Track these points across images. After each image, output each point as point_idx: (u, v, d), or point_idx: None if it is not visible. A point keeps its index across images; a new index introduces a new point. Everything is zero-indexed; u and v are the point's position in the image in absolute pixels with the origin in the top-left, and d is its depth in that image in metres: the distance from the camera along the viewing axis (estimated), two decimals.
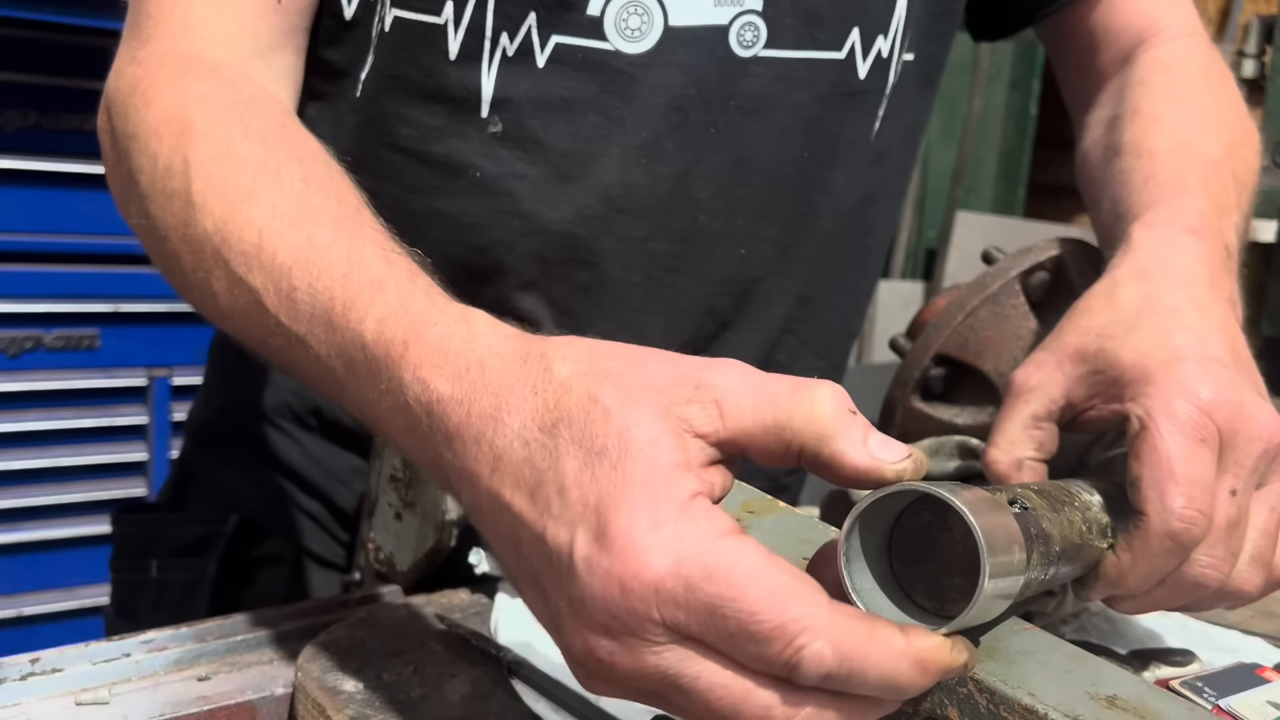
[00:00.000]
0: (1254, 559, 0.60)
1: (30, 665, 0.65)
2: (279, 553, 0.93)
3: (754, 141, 0.82)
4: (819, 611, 0.41)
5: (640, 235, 0.82)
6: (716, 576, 0.41)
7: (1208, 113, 0.82)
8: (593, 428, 0.44)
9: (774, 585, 0.41)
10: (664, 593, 0.41)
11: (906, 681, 0.42)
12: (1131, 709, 0.43)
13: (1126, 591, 0.59)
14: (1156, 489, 0.56)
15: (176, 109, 0.66)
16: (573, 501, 0.43)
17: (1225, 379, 0.59)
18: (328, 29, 0.80)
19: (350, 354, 0.54)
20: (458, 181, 0.80)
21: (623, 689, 0.44)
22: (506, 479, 0.46)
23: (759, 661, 0.41)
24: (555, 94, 0.78)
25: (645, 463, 0.43)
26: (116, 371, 2.05)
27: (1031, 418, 0.65)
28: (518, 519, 0.45)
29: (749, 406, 0.44)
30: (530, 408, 0.46)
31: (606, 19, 0.76)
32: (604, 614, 0.42)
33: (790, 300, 0.90)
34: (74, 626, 2.02)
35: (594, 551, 0.42)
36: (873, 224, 0.92)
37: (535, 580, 0.45)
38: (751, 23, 0.79)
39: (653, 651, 0.42)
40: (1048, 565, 0.48)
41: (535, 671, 0.62)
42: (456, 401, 0.48)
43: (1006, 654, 0.45)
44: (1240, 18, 2.61)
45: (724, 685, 0.42)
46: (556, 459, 0.44)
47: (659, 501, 0.42)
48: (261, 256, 0.59)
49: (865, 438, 0.44)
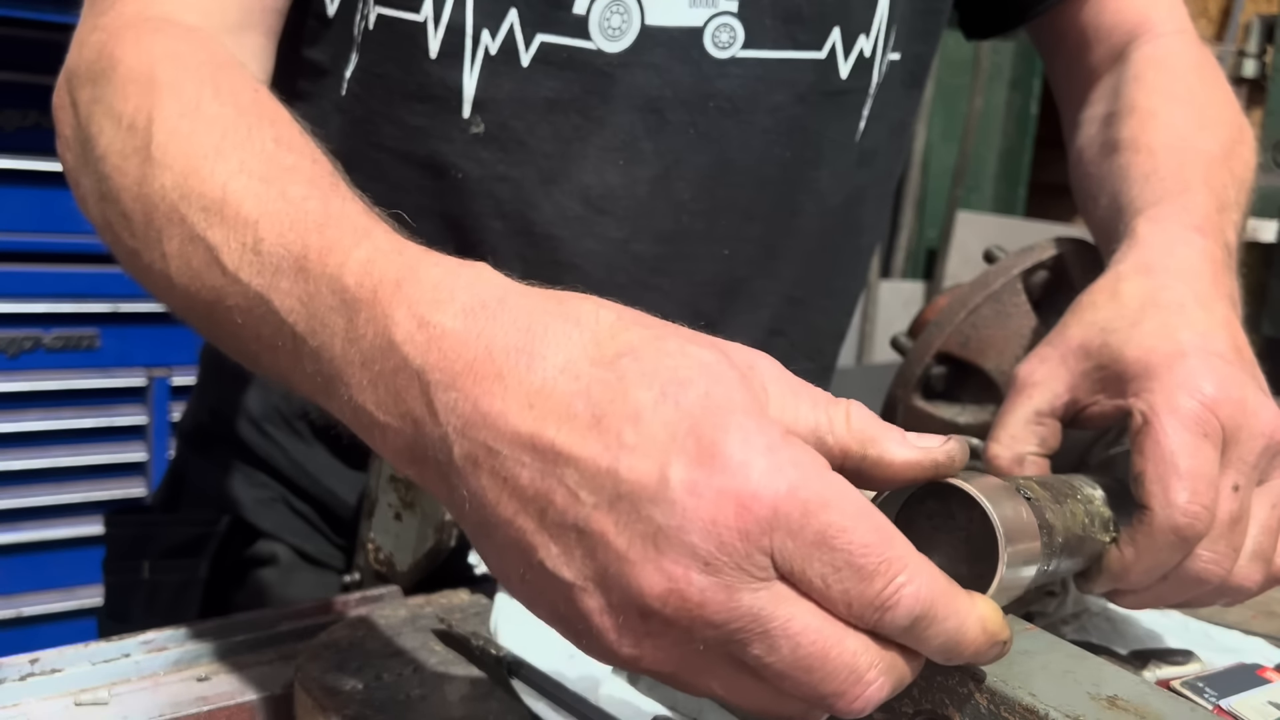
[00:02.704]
0: (1255, 554, 0.60)
1: (30, 665, 0.65)
2: (271, 554, 0.93)
3: (735, 142, 0.81)
4: (916, 555, 0.40)
5: (622, 237, 0.82)
6: (832, 506, 0.39)
7: (1204, 110, 0.82)
8: (667, 361, 0.41)
9: (880, 523, 0.39)
10: (781, 516, 0.38)
11: (971, 639, 0.41)
12: (1132, 709, 0.43)
13: (1129, 585, 0.59)
14: (1160, 483, 0.56)
15: (143, 66, 0.61)
16: (655, 431, 0.39)
17: (1229, 375, 0.60)
18: (310, 28, 0.80)
19: (320, 302, 0.48)
20: (441, 182, 0.80)
21: (687, 644, 0.40)
22: (549, 416, 0.40)
23: (857, 600, 0.39)
24: (539, 94, 0.78)
25: (740, 392, 0.40)
26: (116, 371, 2.04)
27: (1035, 413, 0.65)
28: (564, 458, 0.40)
29: (791, 404, 0.42)
30: (577, 342, 0.42)
31: (592, 18, 0.76)
32: (709, 541, 0.38)
33: (778, 301, 0.89)
34: (73, 627, 2.02)
35: (699, 474, 0.38)
36: (860, 224, 0.92)
37: (583, 530, 0.40)
38: (727, 24, 0.78)
39: (751, 589, 0.38)
40: (1051, 556, 0.48)
41: (535, 671, 0.62)
42: (469, 336, 0.43)
43: (1007, 654, 0.45)
44: (1241, 17, 2.60)
45: (817, 629, 0.39)
46: (624, 391, 0.40)
47: (765, 428, 0.39)
48: (224, 210, 0.53)
49: (903, 436, 0.43)
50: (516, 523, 0.41)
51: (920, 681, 0.45)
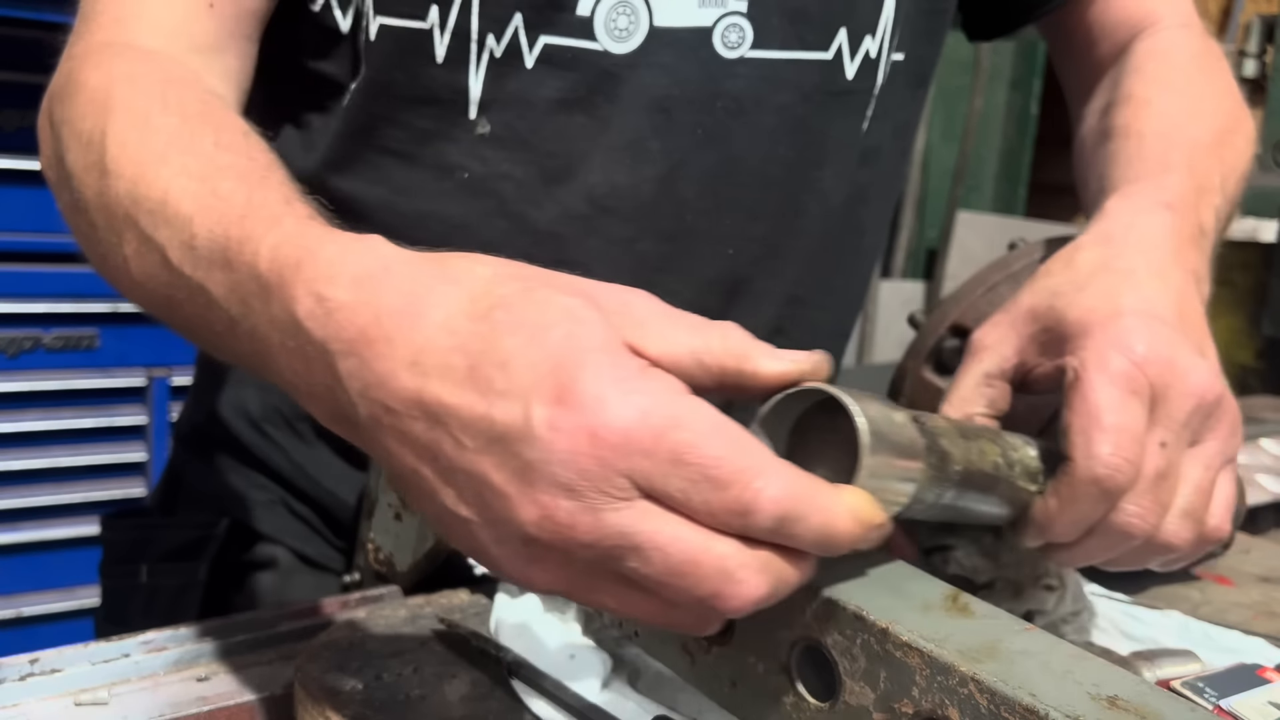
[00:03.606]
0: (1185, 513, 0.60)
1: (29, 666, 0.65)
2: (270, 557, 0.93)
3: (741, 141, 0.82)
4: (772, 461, 0.43)
5: (627, 236, 0.82)
6: (682, 425, 0.42)
7: (1198, 99, 0.83)
8: (534, 309, 0.45)
9: (734, 436, 0.43)
10: (633, 441, 0.42)
11: (843, 528, 0.44)
12: (1133, 709, 0.42)
13: (1054, 537, 0.60)
14: (1084, 435, 0.58)
15: (102, 88, 0.66)
16: (520, 374, 0.43)
17: (1163, 336, 0.60)
18: (318, 43, 0.80)
19: (245, 289, 0.52)
20: (445, 183, 0.81)
21: (571, 565, 0.44)
22: (431, 372, 0.45)
23: (719, 509, 0.42)
24: (543, 95, 0.78)
25: (600, 331, 0.44)
26: (115, 371, 2.04)
27: (984, 375, 0.67)
28: (446, 410, 0.44)
29: (670, 332, 0.46)
30: (454, 300, 0.46)
31: (596, 19, 0.76)
32: (570, 470, 0.42)
33: (781, 300, 0.90)
34: (73, 627, 2.02)
35: (557, 411, 0.42)
36: (863, 224, 0.92)
37: (469, 473, 0.44)
38: (736, 24, 0.79)
39: (614, 509, 0.42)
40: (944, 481, 0.51)
41: (535, 671, 0.62)
42: (359, 305, 0.47)
43: (1007, 654, 0.45)
44: (1241, 17, 2.61)
45: (683, 538, 0.43)
46: (494, 340, 0.44)
47: (619, 362, 0.44)
48: (166, 211, 0.58)
49: (773, 351, 0.48)
50: (420, 471, 0.46)
51: (921, 681, 0.46)
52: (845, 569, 0.51)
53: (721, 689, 0.55)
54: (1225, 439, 0.61)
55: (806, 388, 0.47)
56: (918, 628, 0.47)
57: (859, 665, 0.48)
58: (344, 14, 0.78)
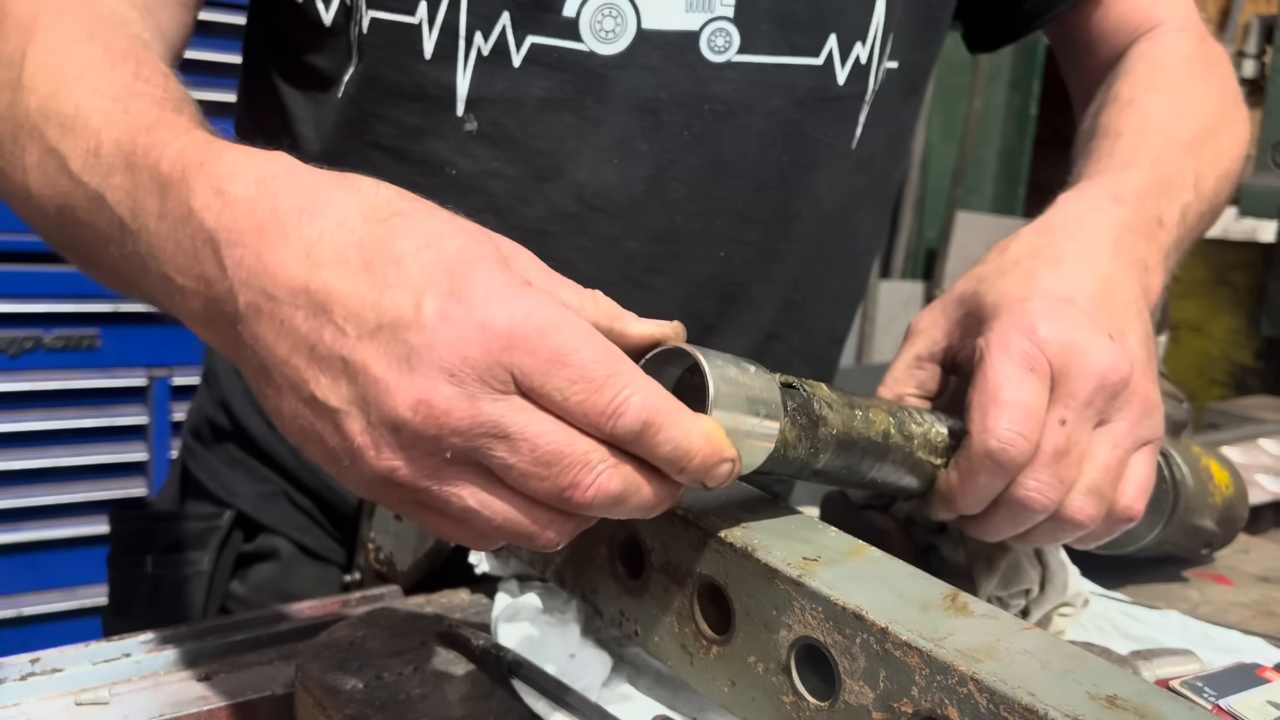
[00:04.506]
0: (1090, 490, 0.62)
1: (30, 665, 0.65)
2: (272, 548, 0.94)
3: (730, 145, 0.82)
4: (642, 375, 0.47)
5: (615, 234, 0.83)
6: (564, 330, 0.45)
7: (1183, 99, 0.84)
8: (432, 222, 0.47)
9: (608, 347, 0.47)
10: (518, 338, 0.45)
11: (697, 448, 0.47)
12: (1132, 709, 0.43)
13: (959, 509, 0.63)
14: (981, 411, 0.60)
15: (29, 14, 0.66)
16: (414, 271, 0.45)
17: (1067, 317, 0.62)
18: (307, 36, 0.81)
19: (141, 189, 0.54)
20: (434, 179, 0.81)
21: (435, 455, 0.46)
22: (323, 263, 0.46)
23: (590, 409, 0.46)
24: (531, 94, 0.79)
25: (492, 249, 0.47)
26: (116, 371, 2.04)
27: (915, 357, 0.70)
28: (332, 298, 0.46)
29: (550, 286, 0.50)
30: (355, 204, 0.48)
31: (582, 20, 0.77)
32: (454, 357, 0.44)
33: (775, 305, 0.90)
34: (74, 626, 2.02)
35: (448, 303, 0.45)
36: (857, 230, 0.93)
37: (346, 360, 0.46)
38: (723, 29, 0.79)
39: (491, 398, 0.45)
40: (817, 443, 0.55)
41: (535, 671, 0.62)
42: (259, 199, 0.48)
43: (1006, 653, 0.46)
44: (1240, 18, 2.61)
45: (552, 432, 0.46)
46: (390, 240, 0.46)
47: (509, 272, 0.47)
48: (75, 124, 0.59)
49: (637, 317, 0.52)
50: (291, 361, 0.47)
51: (920, 681, 0.46)
52: (842, 569, 0.52)
53: (721, 689, 0.55)
54: (1136, 420, 0.63)
55: (668, 348, 0.52)
56: (917, 627, 0.47)
57: (859, 665, 0.48)
58: (326, 7, 0.78)
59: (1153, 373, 0.65)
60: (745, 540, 0.54)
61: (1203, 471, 0.83)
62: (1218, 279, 2.39)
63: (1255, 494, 1.03)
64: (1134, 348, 0.63)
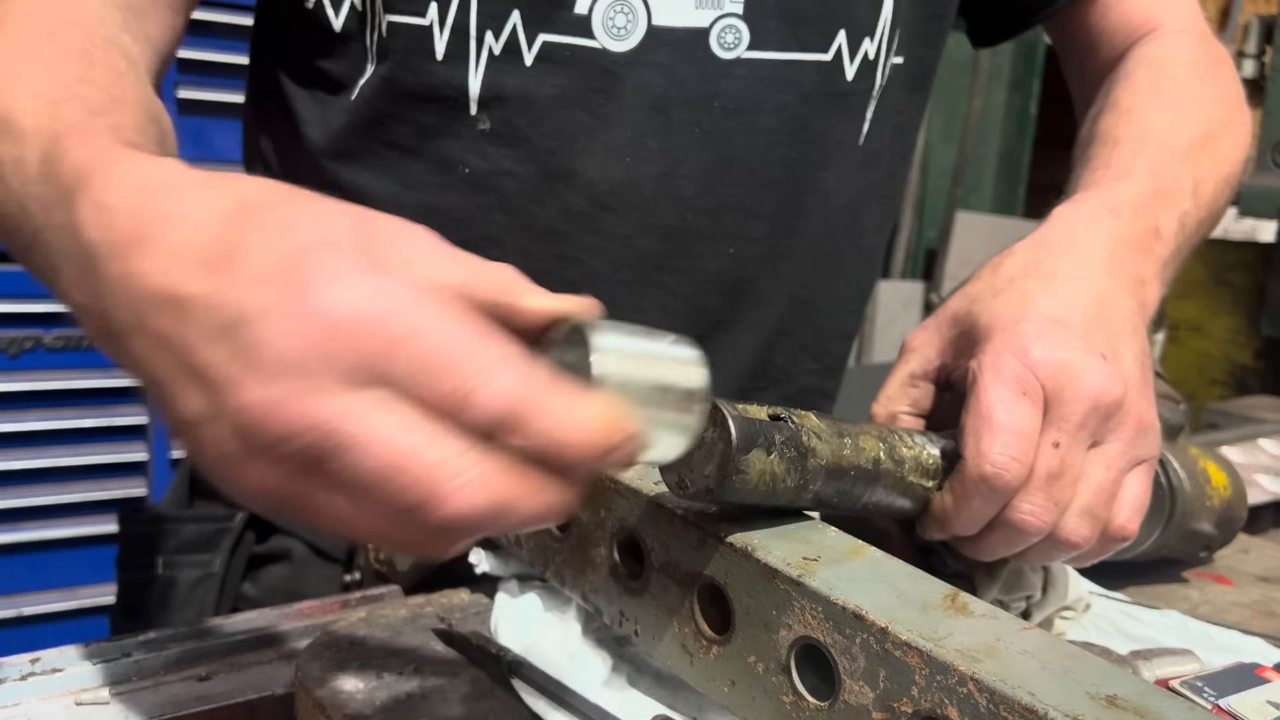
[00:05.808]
0: (1084, 511, 0.62)
1: (30, 665, 0.65)
2: (285, 549, 0.94)
3: (739, 141, 0.82)
4: (508, 355, 0.41)
5: (626, 232, 0.83)
6: (408, 311, 0.40)
7: (1182, 104, 0.83)
8: (289, 213, 0.43)
9: (467, 331, 0.41)
10: (356, 324, 0.40)
11: (575, 439, 0.40)
12: (1132, 709, 0.43)
13: (954, 531, 0.62)
14: (974, 435, 0.60)
15: None
16: (259, 266, 0.42)
17: (1059, 339, 0.62)
18: (319, 42, 0.81)
19: (52, 202, 0.52)
20: (447, 177, 0.81)
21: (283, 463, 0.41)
22: (180, 267, 0.43)
23: (434, 400, 0.40)
24: (543, 92, 0.79)
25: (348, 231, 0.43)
26: (117, 371, 2.03)
27: (909, 376, 0.69)
28: (184, 301, 0.43)
29: (437, 263, 0.45)
30: (217, 205, 0.45)
31: (594, 17, 0.77)
32: (295, 354, 0.40)
33: (784, 301, 0.90)
34: (74, 626, 2.02)
35: (293, 299, 0.41)
36: (864, 226, 0.93)
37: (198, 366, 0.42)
38: (733, 25, 0.79)
39: (325, 396, 0.39)
40: (806, 475, 0.54)
41: (535, 671, 0.62)
42: (131, 210, 0.46)
43: (1006, 653, 0.46)
44: (1240, 18, 2.60)
45: (389, 438, 0.39)
46: (244, 236, 0.43)
47: (359, 261, 0.42)
48: (10, 128, 0.57)
49: (542, 291, 0.47)
50: (159, 375, 0.44)
51: (920, 681, 0.46)
52: (842, 569, 0.52)
53: (721, 689, 0.55)
54: (1129, 440, 0.62)
55: (575, 325, 0.46)
56: (917, 627, 0.47)
57: (858, 665, 0.48)
58: (336, 13, 0.78)
59: (1148, 391, 0.65)
60: (745, 540, 0.54)
61: (1200, 475, 0.83)
62: (1218, 279, 2.39)
63: (1255, 494, 1.03)
64: (1128, 367, 0.63)
